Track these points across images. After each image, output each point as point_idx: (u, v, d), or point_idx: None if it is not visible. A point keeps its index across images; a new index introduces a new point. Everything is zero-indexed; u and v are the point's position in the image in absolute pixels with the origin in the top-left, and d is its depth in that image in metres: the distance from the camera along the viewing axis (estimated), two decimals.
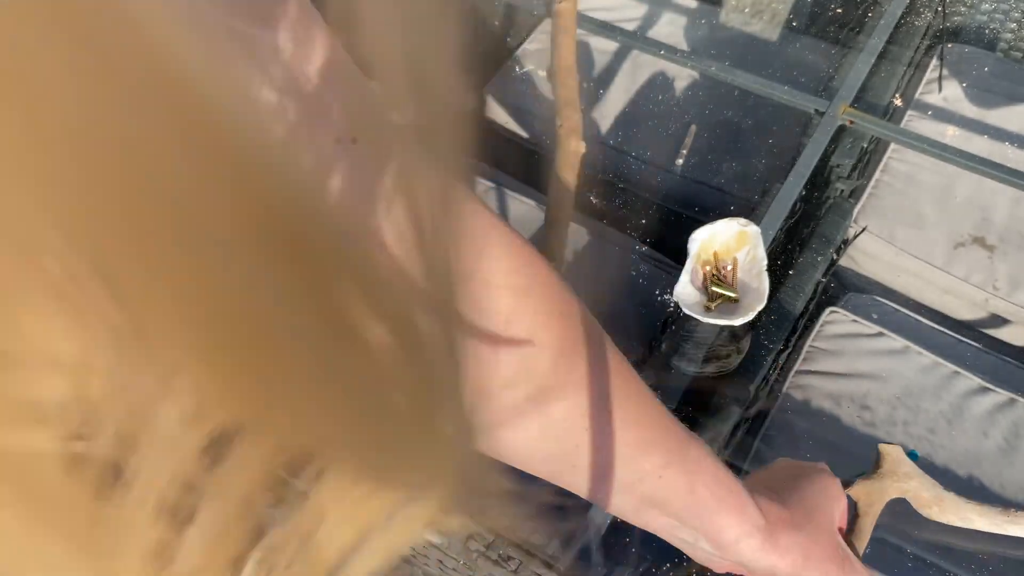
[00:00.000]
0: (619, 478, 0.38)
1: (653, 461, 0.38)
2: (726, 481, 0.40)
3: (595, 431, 0.36)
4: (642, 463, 0.38)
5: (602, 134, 1.31)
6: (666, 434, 0.39)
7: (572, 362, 0.35)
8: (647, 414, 0.38)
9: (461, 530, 0.40)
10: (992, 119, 1.28)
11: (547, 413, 0.35)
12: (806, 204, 1.11)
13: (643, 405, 0.38)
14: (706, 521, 0.39)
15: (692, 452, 0.39)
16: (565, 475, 0.38)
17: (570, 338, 0.35)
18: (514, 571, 0.67)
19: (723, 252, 0.92)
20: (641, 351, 1.00)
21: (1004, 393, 0.95)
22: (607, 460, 0.37)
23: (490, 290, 0.32)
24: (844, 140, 1.14)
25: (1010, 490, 0.88)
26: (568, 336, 0.35)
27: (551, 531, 0.71)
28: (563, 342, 0.35)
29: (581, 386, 0.36)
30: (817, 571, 0.43)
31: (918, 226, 1.14)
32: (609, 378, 0.37)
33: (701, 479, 0.39)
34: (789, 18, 1.47)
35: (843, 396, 0.95)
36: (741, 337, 0.96)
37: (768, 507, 0.42)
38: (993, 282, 1.09)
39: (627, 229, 1.21)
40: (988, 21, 1.41)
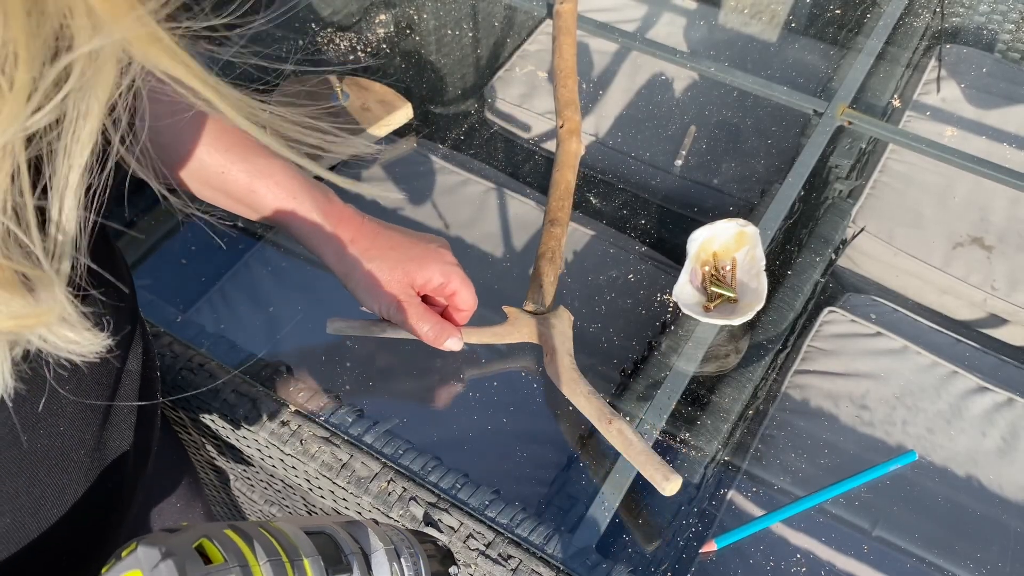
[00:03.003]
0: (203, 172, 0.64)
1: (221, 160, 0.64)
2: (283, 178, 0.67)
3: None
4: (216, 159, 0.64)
5: (601, 135, 1.31)
6: (242, 150, 0.65)
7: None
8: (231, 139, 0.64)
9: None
10: (990, 120, 1.28)
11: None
12: (805, 204, 1.11)
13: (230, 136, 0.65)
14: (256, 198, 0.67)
15: (260, 162, 0.65)
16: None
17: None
18: (513, 570, 0.67)
19: (722, 252, 0.93)
20: (640, 351, 1.01)
21: (1003, 393, 0.96)
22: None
23: None
24: (843, 141, 1.14)
25: (1008, 489, 0.88)
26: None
27: (550, 529, 0.71)
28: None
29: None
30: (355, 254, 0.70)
31: (916, 226, 1.14)
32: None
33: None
34: (788, 19, 1.47)
35: (842, 396, 0.95)
36: (740, 337, 0.96)
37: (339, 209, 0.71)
38: (991, 282, 1.09)
39: (626, 229, 1.21)
40: (986, 22, 1.41)
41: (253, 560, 0.39)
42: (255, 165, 0.64)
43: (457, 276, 0.74)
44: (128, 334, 0.52)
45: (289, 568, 0.40)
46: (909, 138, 1.05)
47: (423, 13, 1.44)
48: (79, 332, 0.33)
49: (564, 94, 1.04)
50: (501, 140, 1.38)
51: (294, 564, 0.41)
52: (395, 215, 1.14)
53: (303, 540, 0.43)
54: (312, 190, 0.68)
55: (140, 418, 0.54)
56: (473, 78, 1.48)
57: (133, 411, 0.53)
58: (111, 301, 0.47)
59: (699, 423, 0.89)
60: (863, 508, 0.86)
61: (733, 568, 0.82)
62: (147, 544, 0.37)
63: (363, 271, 0.69)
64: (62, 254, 0.32)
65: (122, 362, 0.52)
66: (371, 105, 1.26)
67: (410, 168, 1.20)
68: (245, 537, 0.40)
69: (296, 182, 0.67)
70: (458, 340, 0.76)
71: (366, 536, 0.47)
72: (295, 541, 0.42)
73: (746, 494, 0.88)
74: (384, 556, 0.47)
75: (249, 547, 0.40)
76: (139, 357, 0.54)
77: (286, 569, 0.40)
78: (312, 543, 0.43)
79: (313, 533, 0.45)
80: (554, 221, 0.89)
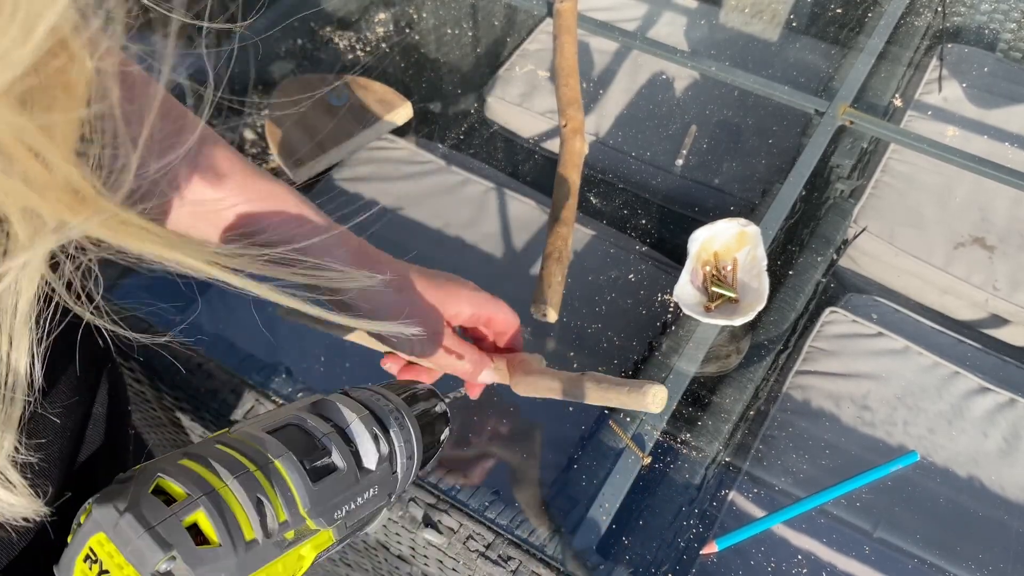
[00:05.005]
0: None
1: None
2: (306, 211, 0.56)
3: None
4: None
5: (602, 134, 1.31)
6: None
7: None
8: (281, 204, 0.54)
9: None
10: (992, 119, 1.28)
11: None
12: (806, 204, 1.11)
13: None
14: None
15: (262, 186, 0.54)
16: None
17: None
18: (513, 571, 0.67)
19: (723, 252, 0.92)
20: (641, 351, 1.00)
21: (1004, 393, 0.95)
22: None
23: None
24: (844, 140, 1.14)
25: (1010, 490, 0.88)
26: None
27: (550, 530, 0.70)
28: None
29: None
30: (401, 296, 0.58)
31: (918, 226, 1.14)
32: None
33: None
34: (789, 18, 1.47)
35: (843, 396, 0.95)
36: (741, 337, 0.96)
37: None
38: (993, 282, 1.09)
39: (627, 229, 1.21)
40: (988, 21, 1.41)
41: (218, 482, 0.36)
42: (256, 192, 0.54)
43: (487, 299, 0.66)
44: (91, 386, 0.51)
45: (260, 476, 0.37)
46: (911, 138, 1.05)
47: (423, 12, 1.44)
48: (17, 495, 0.29)
49: (566, 93, 1.04)
50: (501, 140, 1.38)
51: (264, 469, 0.37)
52: (395, 215, 1.14)
53: (268, 441, 0.39)
54: (322, 215, 0.58)
55: (109, 452, 0.54)
56: (473, 77, 1.48)
57: (102, 448, 0.52)
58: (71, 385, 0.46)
59: (700, 424, 0.89)
60: (864, 509, 0.86)
61: (734, 569, 0.82)
62: (101, 503, 0.34)
63: (391, 299, 0.58)
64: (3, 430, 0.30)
65: (88, 407, 0.51)
66: (371, 105, 1.25)
67: (410, 168, 1.20)
68: (202, 462, 0.36)
69: (307, 206, 0.56)
70: (491, 372, 0.69)
71: (337, 411, 0.44)
72: (259, 445, 0.39)
73: (747, 495, 0.88)
74: (361, 424, 0.43)
75: (209, 470, 0.36)
76: (104, 401, 0.52)
77: (257, 479, 0.37)
78: (278, 440, 0.39)
79: (278, 429, 0.41)
80: (560, 221, 0.89)
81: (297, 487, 0.38)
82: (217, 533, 0.34)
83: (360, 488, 0.41)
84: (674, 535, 0.84)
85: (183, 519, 0.34)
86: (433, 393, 0.53)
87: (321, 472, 0.40)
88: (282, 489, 0.37)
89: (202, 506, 0.34)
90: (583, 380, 0.64)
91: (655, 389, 0.59)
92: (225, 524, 0.34)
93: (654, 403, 0.59)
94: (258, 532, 0.36)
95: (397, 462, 0.45)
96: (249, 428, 0.40)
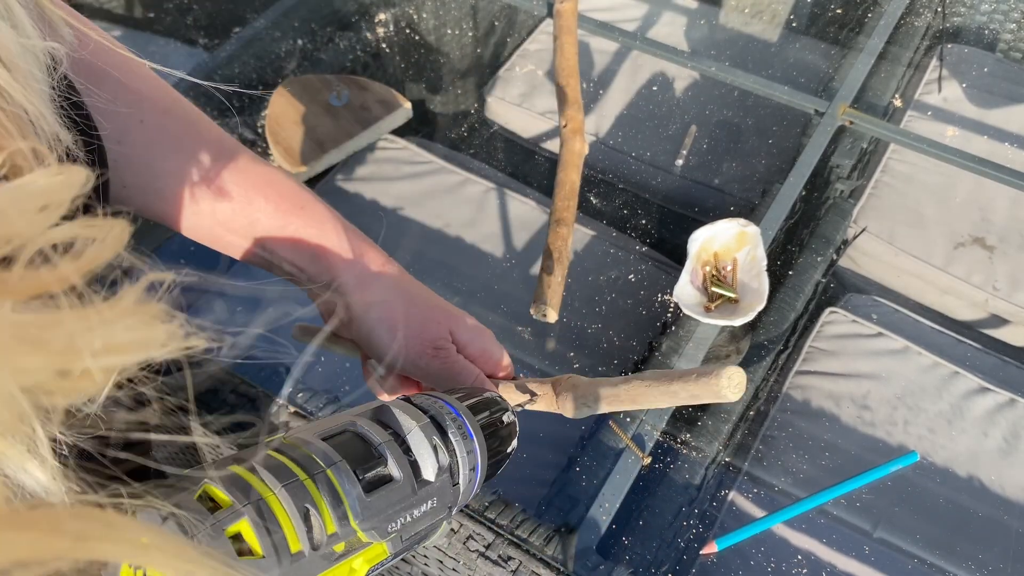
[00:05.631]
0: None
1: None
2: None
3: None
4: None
5: (602, 134, 1.31)
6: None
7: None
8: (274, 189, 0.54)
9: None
10: (992, 119, 1.28)
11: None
12: (806, 204, 1.11)
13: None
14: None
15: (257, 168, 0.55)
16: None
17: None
18: (513, 571, 0.67)
19: (723, 252, 0.92)
20: (641, 351, 1.00)
21: (1004, 393, 0.95)
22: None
23: None
24: (844, 140, 1.14)
25: (1010, 490, 0.88)
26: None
27: (550, 530, 0.70)
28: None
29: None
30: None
31: (918, 226, 1.14)
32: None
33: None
34: (789, 18, 1.47)
35: (843, 396, 0.95)
36: (741, 337, 0.96)
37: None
38: (993, 282, 1.09)
39: (627, 229, 1.21)
40: (988, 22, 1.41)
41: (266, 490, 0.34)
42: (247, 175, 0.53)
43: (488, 334, 0.60)
44: None
45: (310, 485, 0.35)
46: (910, 138, 1.05)
47: (423, 12, 1.44)
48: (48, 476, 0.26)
49: (567, 93, 1.04)
50: (501, 140, 1.38)
51: (315, 478, 0.36)
52: (395, 215, 1.14)
53: (321, 449, 0.37)
54: (324, 203, 0.56)
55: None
56: (473, 78, 1.48)
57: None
58: None
59: (700, 424, 0.89)
60: (864, 509, 0.86)
61: (734, 569, 0.82)
62: (145, 512, 0.32)
63: (395, 299, 0.55)
64: None
65: None
66: (371, 105, 1.25)
67: (410, 168, 1.20)
68: (251, 468, 0.35)
69: (305, 193, 0.55)
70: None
71: (394, 419, 0.41)
72: (311, 452, 0.37)
73: (747, 495, 0.88)
74: (421, 433, 0.41)
75: (257, 477, 0.35)
76: None
77: (307, 487, 0.35)
78: (332, 448, 0.38)
79: (333, 436, 0.39)
80: (560, 221, 0.89)
81: (349, 497, 0.37)
82: (261, 544, 0.33)
83: (417, 500, 0.40)
84: (674, 535, 0.84)
85: (226, 528, 0.33)
86: (501, 401, 0.50)
87: (376, 482, 0.38)
88: (332, 499, 0.36)
89: (246, 515, 0.33)
90: (642, 378, 0.54)
91: (729, 372, 0.46)
92: (269, 535, 0.33)
93: (730, 388, 0.47)
94: (304, 544, 0.35)
95: (459, 473, 0.43)
96: (303, 434, 0.39)
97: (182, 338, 0.24)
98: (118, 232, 0.24)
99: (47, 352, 0.21)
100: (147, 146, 0.49)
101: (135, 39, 1.38)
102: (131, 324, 0.22)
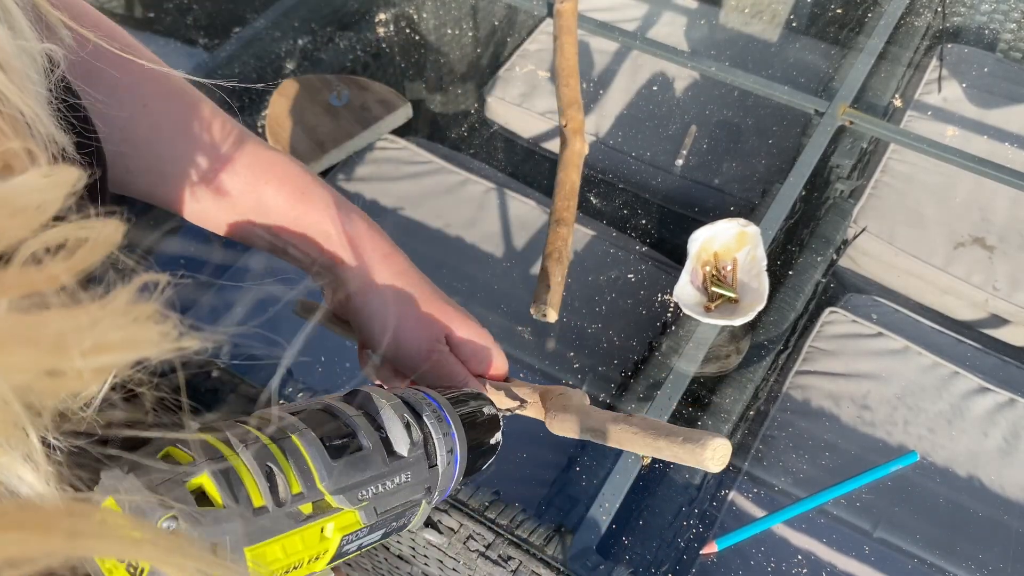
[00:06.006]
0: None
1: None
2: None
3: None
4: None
5: (602, 134, 1.31)
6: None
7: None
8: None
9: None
10: (992, 119, 1.28)
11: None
12: (806, 204, 1.11)
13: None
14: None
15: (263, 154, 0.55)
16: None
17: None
18: (513, 571, 0.67)
19: (723, 252, 0.92)
20: (641, 351, 1.00)
21: (1004, 393, 0.95)
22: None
23: None
24: (844, 140, 1.14)
25: (1010, 490, 0.88)
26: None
27: (550, 530, 0.70)
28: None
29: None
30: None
31: (918, 226, 1.14)
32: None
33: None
34: (789, 18, 1.47)
35: (843, 396, 0.95)
36: (741, 337, 0.96)
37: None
38: (993, 282, 1.09)
39: (627, 229, 1.21)
40: (988, 21, 1.41)
41: (228, 451, 0.35)
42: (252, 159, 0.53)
43: (485, 336, 0.59)
44: None
45: (275, 448, 0.36)
46: (910, 138, 1.05)
47: (423, 12, 1.44)
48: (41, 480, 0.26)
49: (567, 93, 1.04)
50: (501, 140, 1.38)
51: (280, 443, 0.36)
52: (395, 215, 1.14)
53: (288, 419, 0.38)
54: (327, 189, 0.55)
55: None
56: (473, 78, 1.48)
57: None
58: None
59: (700, 424, 0.89)
60: (864, 509, 0.86)
61: (734, 569, 0.82)
62: (109, 469, 0.33)
63: (390, 295, 0.55)
64: None
65: None
66: (371, 105, 1.25)
67: (410, 168, 1.20)
68: (216, 434, 0.36)
69: (307, 177, 0.54)
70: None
71: (368, 399, 0.42)
72: (278, 423, 0.38)
73: (747, 495, 0.88)
74: (392, 411, 0.41)
75: (221, 441, 0.35)
76: None
77: (269, 450, 0.36)
78: (302, 420, 0.39)
79: (303, 411, 0.40)
80: (560, 221, 0.89)
81: (314, 460, 0.37)
82: (221, 495, 0.34)
83: (389, 471, 0.40)
84: (674, 535, 0.84)
85: (186, 480, 0.33)
86: (481, 396, 0.50)
87: (342, 449, 0.39)
88: (297, 461, 0.37)
89: (206, 469, 0.34)
90: (630, 423, 0.53)
91: (715, 443, 0.46)
92: (230, 487, 0.34)
93: (713, 460, 0.47)
94: (268, 499, 0.35)
95: (436, 455, 0.43)
96: (279, 410, 0.40)
97: (175, 339, 0.24)
98: (110, 232, 0.24)
99: (36, 351, 0.21)
100: (151, 130, 0.49)
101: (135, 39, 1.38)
102: (121, 324, 0.22)
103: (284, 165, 0.53)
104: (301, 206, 0.53)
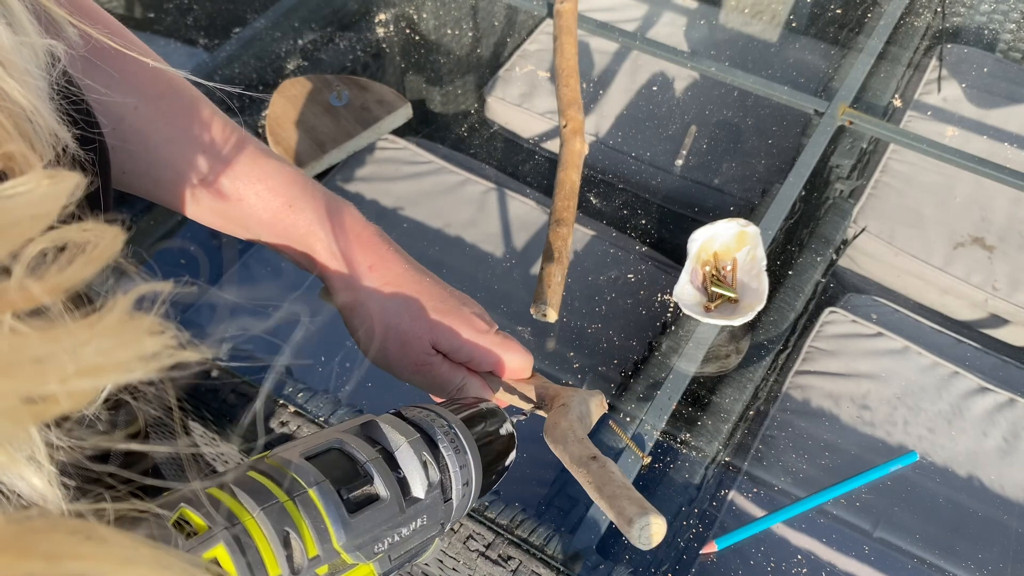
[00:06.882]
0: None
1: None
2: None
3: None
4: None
5: (602, 134, 1.31)
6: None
7: None
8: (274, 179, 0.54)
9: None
10: (991, 119, 1.28)
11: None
12: (805, 204, 1.11)
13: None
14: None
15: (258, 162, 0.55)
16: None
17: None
18: (513, 571, 0.67)
19: (723, 252, 0.92)
20: (641, 351, 1.00)
21: (1004, 393, 0.95)
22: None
23: None
24: (843, 140, 1.14)
25: (1010, 490, 0.88)
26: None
27: (550, 530, 0.71)
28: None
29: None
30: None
31: (917, 226, 1.14)
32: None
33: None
34: (789, 18, 1.47)
35: (843, 396, 0.95)
36: (740, 337, 0.96)
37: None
38: (993, 282, 1.09)
39: (627, 229, 1.21)
40: (987, 22, 1.41)
41: (244, 513, 0.34)
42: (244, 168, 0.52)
43: (497, 338, 0.57)
44: None
45: (291, 507, 0.35)
46: (910, 138, 1.05)
47: (423, 13, 1.44)
48: (45, 483, 0.26)
49: (567, 93, 1.04)
50: (501, 140, 1.38)
51: (296, 499, 0.35)
52: (395, 215, 1.14)
53: (305, 469, 0.37)
54: (318, 198, 0.55)
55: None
56: (473, 78, 1.48)
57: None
58: None
59: (700, 424, 0.89)
60: (864, 509, 0.86)
61: (734, 569, 0.82)
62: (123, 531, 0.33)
63: (375, 309, 0.54)
64: None
65: None
66: (370, 105, 1.25)
67: (410, 168, 1.20)
68: (229, 491, 0.34)
69: (296, 187, 0.54)
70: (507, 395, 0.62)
71: (383, 434, 0.40)
72: (294, 472, 0.36)
73: (747, 495, 0.88)
74: (410, 449, 0.40)
75: (236, 500, 0.34)
76: None
77: (287, 509, 0.34)
78: (316, 467, 0.37)
79: (318, 454, 0.38)
80: (560, 221, 0.89)
81: (332, 519, 0.36)
82: (237, 569, 0.33)
83: (405, 519, 0.39)
84: (674, 535, 0.84)
85: (202, 554, 0.32)
86: (499, 412, 0.49)
87: (361, 502, 0.37)
88: (314, 521, 0.35)
89: (222, 540, 0.32)
90: (589, 469, 0.51)
91: (643, 522, 0.45)
92: (246, 560, 0.33)
93: (640, 540, 0.45)
94: (284, 568, 0.34)
95: (452, 489, 0.42)
96: (287, 453, 0.38)
97: (170, 355, 0.23)
98: (110, 239, 0.24)
99: (11, 379, 0.20)
100: (143, 133, 0.49)
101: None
102: (109, 346, 0.21)
103: (274, 175, 0.53)
104: (292, 216, 0.53)
